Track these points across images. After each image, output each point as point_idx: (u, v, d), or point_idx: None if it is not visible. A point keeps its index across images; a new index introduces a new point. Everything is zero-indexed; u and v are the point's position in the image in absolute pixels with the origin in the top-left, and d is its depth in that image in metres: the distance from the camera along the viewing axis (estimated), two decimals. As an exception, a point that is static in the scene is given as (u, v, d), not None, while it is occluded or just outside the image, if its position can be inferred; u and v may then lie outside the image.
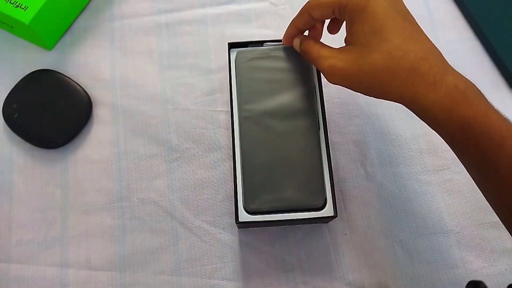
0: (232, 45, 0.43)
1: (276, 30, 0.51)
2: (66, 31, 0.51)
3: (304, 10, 0.37)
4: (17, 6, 0.46)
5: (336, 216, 0.37)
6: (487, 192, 0.32)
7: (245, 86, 0.40)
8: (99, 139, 0.47)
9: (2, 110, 0.46)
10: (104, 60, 0.50)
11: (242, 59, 0.41)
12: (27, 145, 0.46)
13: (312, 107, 0.39)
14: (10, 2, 0.46)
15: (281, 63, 0.41)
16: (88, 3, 0.52)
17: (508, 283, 0.34)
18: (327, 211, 0.37)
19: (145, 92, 0.48)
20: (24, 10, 0.45)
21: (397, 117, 0.47)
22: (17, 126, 0.46)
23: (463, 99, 0.30)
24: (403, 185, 0.44)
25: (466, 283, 0.35)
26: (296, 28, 0.39)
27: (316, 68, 0.41)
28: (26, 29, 0.46)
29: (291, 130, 0.38)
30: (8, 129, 0.46)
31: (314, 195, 0.37)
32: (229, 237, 0.43)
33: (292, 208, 0.37)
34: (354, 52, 0.33)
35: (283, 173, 0.37)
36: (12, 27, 0.48)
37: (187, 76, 0.49)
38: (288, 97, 0.39)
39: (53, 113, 0.46)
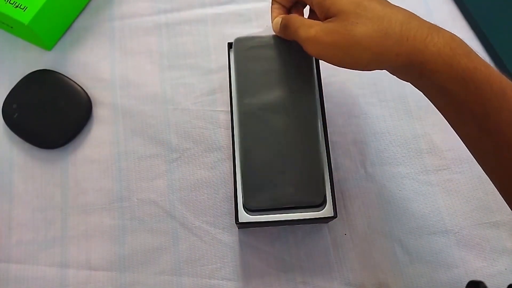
0: (232, 45, 0.43)
1: (276, 30, 0.51)
2: (66, 31, 0.51)
3: None
4: (17, 6, 0.45)
5: (336, 216, 0.37)
6: (486, 155, 0.31)
7: (244, 78, 0.39)
8: (99, 139, 0.47)
9: (2, 110, 0.46)
10: (104, 60, 0.50)
11: (240, 48, 0.39)
12: (27, 145, 0.46)
13: (312, 101, 0.38)
14: (10, 2, 0.46)
15: (281, 52, 0.39)
16: (88, 3, 0.52)
17: (508, 283, 0.34)
18: (327, 211, 0.37)
19: (145, 92, 0.48)
20: (24, 11, 0.45)
21: (397, 117, 0.47)
22: (17, 126, 0.46)
23: (463, 50, 0.29)
24: (403, 185, 0.44)
25: (466, 283, 0.35)
26: (279, 5, 0.39)
27: (315, 60, 0.40)
28: (26, 29, 0.46)
29: (290, 126, 0.38)
30: (8, 129, 0.46)
31: (313, 192, 0.37)
32: (229, 237, 0.43)
33: (291, 206, 0.36)
34: (338, 21, 0.32)
35: (282, 170, 0.37)
36: (12, 27, 0.48)
37: (187, 76, 0.49)
38: (288, 90, 0.38)
39: (53, 113, 0.46)
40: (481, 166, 0.33)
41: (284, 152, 0.37)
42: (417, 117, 0.47)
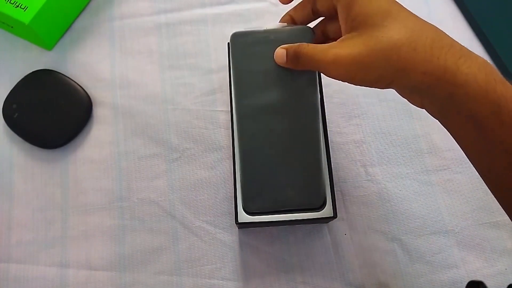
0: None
1: (276, 30, 0.51)
2: (66, 31, 0.51)
3: (307, 1, 0.35)
4: (17, 6, 0.46)
5: (336, 217, 0.37)
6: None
7: (243, 78, 0.37)
8: (99, 139, 0.47)
9: (2, 110, 0.46)
10: (104, 60, 0.50)
11: (238, 45, 0.37)
12: (27, 145, 0.46)
13: (313, 101, 0.37)
14: (10, 2, 0.46)
15: None
16: (88, 3, 0.52)
17: (508, 283, 0.34)
18: (327, 211, 0.37)
19: (145, 92, 0.48)
20: (24, 10, 0.45)
21: (397, 117, 0.47)
22: (17, 126, 0.46)
23: (498, 77, 0.27)
24: (403, 185, 0.44)
25: (466, 283, 0.35)
26: (292, 20, 0.37)
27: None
28: (26, 29, 0.46)
29: (290, 127, 0.37)
30: (8, 129, 0.46)
31: (313, 195, 0.36)
32: (229, 237, 0.43)
33: (291, 208, 0.36)
34: (360, 36, 0.30)
35: (282, 172, 0.36)
36: (12, 27, 0.48)
37: (187, 76, 0.49)
38: (288, 90, 0.37)
39: (53, 113, 0.46)
40: (500, 202, 0.31)
41: (284, 154, 0.36)
42: (417, 117, 0.47)
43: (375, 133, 0.46)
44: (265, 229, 0.43)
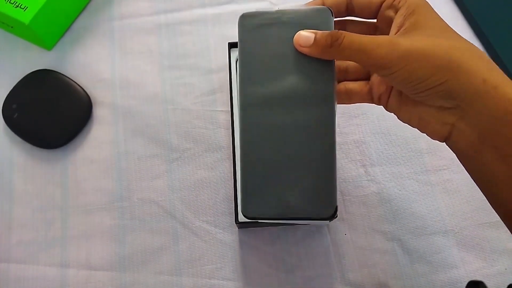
0: (232, 45, 0.43)
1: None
2: (66, 31, 0.51)
3: None
4: (17, 6, 0.46)
5: (336, 216, 0.37)
6: None
7: (249, 63, 0.33)
8: (99, 139, 0.47)
9: (2, 110, 0.46)
10: (104, 60, 0.50)
11: (247, 27, 0.33)
12: (27, 145, 0.46)
13: (328, 93, 0.32)
14: (10, 2, 0.46)
15: (294, 31, 0.32)
16: (88, 3, 0.52)
17: (508, 283, 0.34)
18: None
19: (145, 92, 0.48)
20: (24, 10, 0.45)
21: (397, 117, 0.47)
22: (17, 126, 0.46)
23: None
24: (403, 185, 0.44)
25: (466, 283, 0.34)
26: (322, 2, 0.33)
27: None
28: (26, 29, 0.46)
29: (300, 122, 0.32)
30: (8, 129, 0.46)
31: (322, 204, 0.31)
32: (229, 237, 0.43)
33: (297, 217, 0.32)
34: (423, 34, 0.29)
35: (289, 175, 0.32)
36: (12, 27, 0.48)
37: (187, 76, 0.49)
38: (300, 80, 0.32)
39: (53, 113, 0.46)
40: None
41: (292, 154, 0.32)
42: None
43: (375, 133, 0.46)
44: (265, 229, 0.43)
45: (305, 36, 0.31)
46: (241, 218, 0.36)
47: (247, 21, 0.33)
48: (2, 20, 0.48)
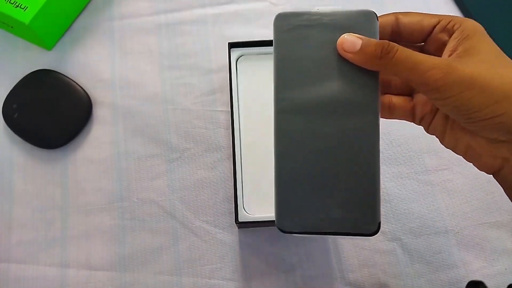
0: (232, 45, 0.43)
1: (276, 30, 0.51)
2: (66, 31, 0.51)
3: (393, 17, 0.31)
4: (17, 6, 0.46)
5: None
6: None
7: (286, 67, 0.30)
8: (99, 139, 0.47)
9: (2, 110, 0.46)
10: (104, 60, 0.50)
11: (283, 27, 0.31)
12: (27, 145, 0.46)
13: (372, 100, 0.29)
14: (10, 2, 0.46)
15: (336, 35, 0.29)
16: (88, 3, 0.52)
17: (508, 283, 0.34)
18: None
19: (145, 92, 0.48)
20: (24, 10, 0.45)
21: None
22: (17, 126, 0.46)
23: None
24: (403, 185, 0.44)
25: (466, 283, 0.35)
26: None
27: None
28: (26, 29, 0.46)
29: (342, 131, 0.30)
30: (8, 129, 0.46)
31: (365, 219, 0.29)
32: (229, 237, 0.43)
33: (338, 232, 0.29)
34: (477, 61, 0.27)
35: (328, 187, 0.29)
36: (12, 27, 0.48)
37: (187, 76, 0.49)
38: (341, 87, 0.30)
39: (53, 113, 0.46)
40: None
41: (332, 165, 0.30)
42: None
43: (375, 133, 0.46)
44: (265, 229, 0.43)
45: (350, 41, 0.28)
46: (241, 217, 0.37)
47: (284, 22, 0.31)
48: (2, 20, 0.48)
